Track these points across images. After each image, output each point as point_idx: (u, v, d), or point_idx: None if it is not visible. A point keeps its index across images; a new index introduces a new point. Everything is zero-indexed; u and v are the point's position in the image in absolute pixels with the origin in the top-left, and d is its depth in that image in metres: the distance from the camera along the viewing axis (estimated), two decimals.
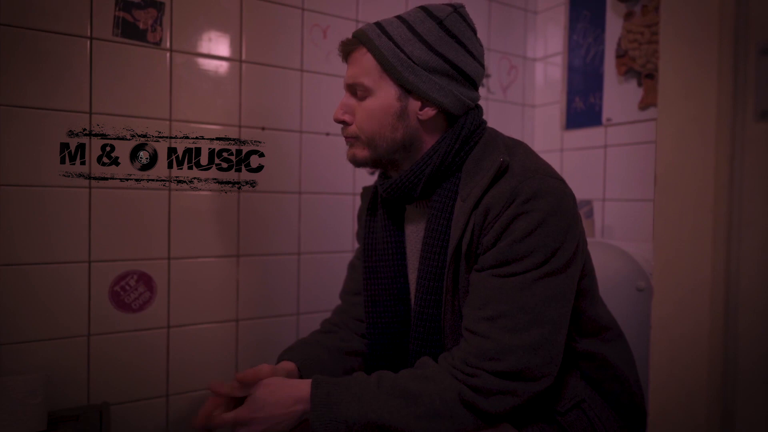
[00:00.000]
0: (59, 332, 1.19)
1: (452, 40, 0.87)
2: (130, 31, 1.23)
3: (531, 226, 0.78)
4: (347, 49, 0.92)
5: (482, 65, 0.93)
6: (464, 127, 0.89)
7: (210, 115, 1.34)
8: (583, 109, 1.75)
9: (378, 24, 0.90)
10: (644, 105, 1.56)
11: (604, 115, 1.68)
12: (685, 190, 0.65)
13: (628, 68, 1.60)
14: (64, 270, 1.19)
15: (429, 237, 0.89)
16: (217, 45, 1.35)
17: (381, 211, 1.01)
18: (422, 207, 0.96)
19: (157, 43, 1.27)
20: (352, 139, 0.92)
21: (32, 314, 1.16)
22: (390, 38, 0.87)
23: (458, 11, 0.90)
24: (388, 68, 0.87)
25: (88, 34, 1.19)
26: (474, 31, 0.92)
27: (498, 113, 1.86)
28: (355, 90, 0.90)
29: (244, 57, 1.38)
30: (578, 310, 0.88)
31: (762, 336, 0.59)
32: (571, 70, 1.80)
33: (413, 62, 0.86)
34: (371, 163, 0.93)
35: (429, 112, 0.88)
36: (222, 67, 1.36)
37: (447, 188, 0.89)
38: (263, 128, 1.41)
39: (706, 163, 0.62)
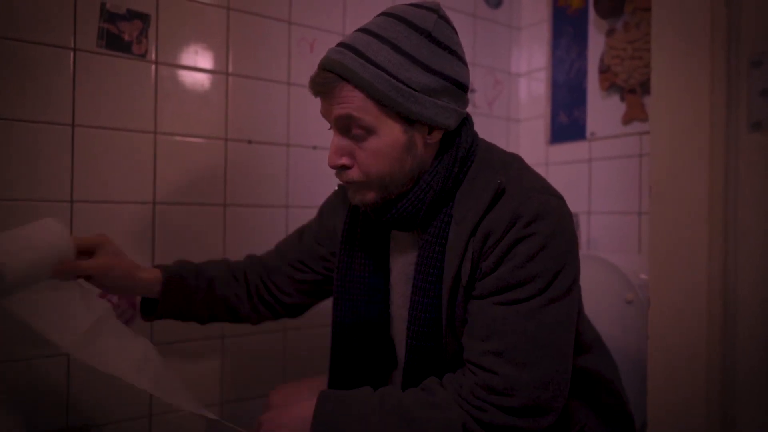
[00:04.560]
0: (36, 351, 1.14)
1: (445, 52, 0.78)
2: (114, 42, 1.21)
3: (533, 251, 0.74)
4: (325, 88, 0.78)
5: (467, 65, 0.84)
6: (461, 147, 0.82)
7: (196, 128, 1.33)
8: (567, 123, 1.77)
9: (352, 48, 0.76)
10: (628, 119, 1.58)
11: (588, 130, 1.70)
12: (680, 200, 0.65)
13: (611, 83, 1.63)
14: None
15: (423, 265, 0.82)
16: (204, 57, 1.33)
17: (361, 231, 0.93)
18: (412, 233, 0.89)
19: (143, 55, 1.25)
20: (355, 184, 0.82)
21: (8, 333, 1.11)
22: (378, 66, 0.75)
23: (440, 15, 0.80)
24: (388, 103, 0.75)
25: (72, 45, 1.16)
26: (455, 31, 0.83)
27: (483, 127, 1.87)
28: (349, 129, 0.79)
29: (230, 70, 1.37)
30: None
31: (760, 343, 0.59)
32: (555, 85, 1.82)
33: (413, 89, 0.75)
34: (382, 201, 0.83)
35: (437, 135, 0.81)
36: (208, 79, 1.34)
37: (442, 212, 0.83)
38: (250, 141, 1.40)
39: (700, 174, 0.63)
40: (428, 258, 0.82)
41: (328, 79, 0.77)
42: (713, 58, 0.62)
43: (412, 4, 0.81)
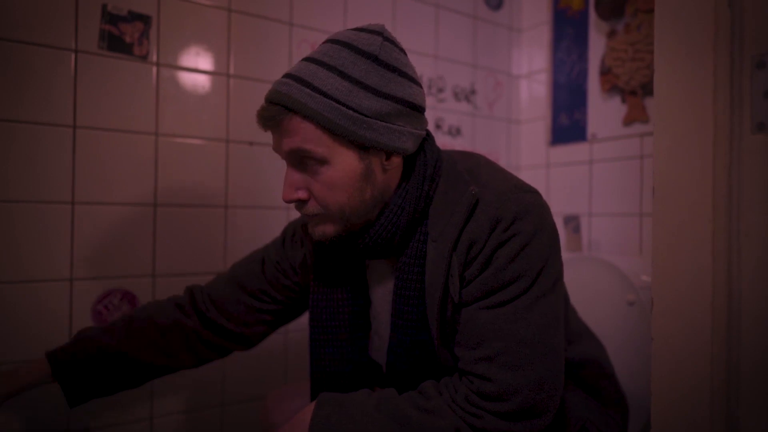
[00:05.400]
0: (38, 354, 1.14)
1: (394, 75, 0.76)
2: (116, 44, 1.21)
3: (515, 251, 0.73)
4: (273, 122, 0.75)
5: (421, 85, 0.82)
6: (428, 165, 0.81)
7: (197, 129, 1.33)
8: (568, 125, 1.77)
9: (298, 78, 0.74)
10: (628, 121, 1.58)
11: (589, 131, 1.70)
12: (683, 202, 0.65)
13: (612, 85, 1.63)
14: (45, 288, 1.15)
15: (403, 288, 0.80)
16: (205, 59, 1.33)
17: (334, 264, 0.89)
18: (388, 260, 0.87)
19: (144, 57, 1.25)
20: (315, 217, 0.80)
21: (9, 335, 1.11)
22: (326, 94, 0.72)
23: (385, 37, 0.78)
24: (339, 131, 0.73)
25: (73, 47, 1.17)
26: (404, 51, 0.81)
27: (484, 129, 1.87)
28: (302, 162, 0.77)
29: (231, 71, 1.37)
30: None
31: (765, 345, 0.59)
32: (556, 86, 1.82)
33: (365, 115, 0.73)
34: (345, 233, 0.81)
35: (396, 160, 0.79)
36: (209, 81, 1.34)
37: (417, 231, 0.81)
38: (251, 143, 1.40)
39: (704, 175, 0.63)
40: (407, 280, 0.80)
41: (276, 113, 0.74)
42: (716, 59, 0.62)
43: (356, 29, 0.79)
